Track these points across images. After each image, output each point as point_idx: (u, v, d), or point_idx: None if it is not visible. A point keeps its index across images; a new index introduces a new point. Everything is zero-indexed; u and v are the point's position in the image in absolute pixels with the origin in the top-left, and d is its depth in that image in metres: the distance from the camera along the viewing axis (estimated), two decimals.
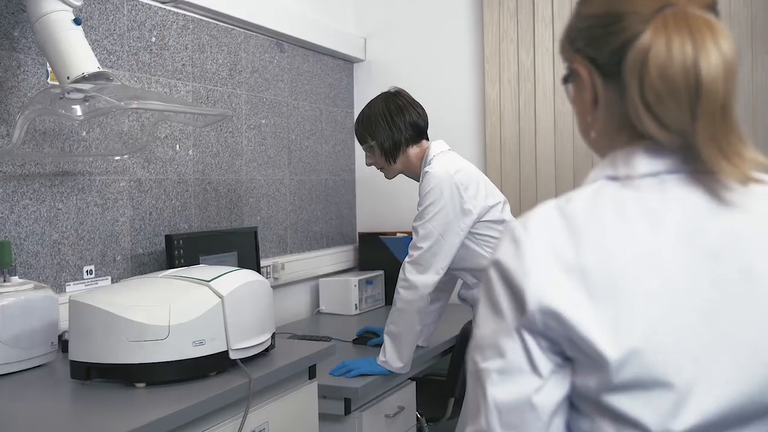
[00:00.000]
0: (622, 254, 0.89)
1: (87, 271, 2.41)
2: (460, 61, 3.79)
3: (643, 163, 0.95)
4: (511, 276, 0.91)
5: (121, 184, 2.54)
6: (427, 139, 2.68)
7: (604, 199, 0.94)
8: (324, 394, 2.30)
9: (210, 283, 1.88)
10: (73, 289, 2.34)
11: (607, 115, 0.99)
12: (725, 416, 0.87)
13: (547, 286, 0.89)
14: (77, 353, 1.80)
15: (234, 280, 1.93)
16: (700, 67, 0.88)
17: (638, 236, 0.90)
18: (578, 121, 1.07)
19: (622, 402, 0.87)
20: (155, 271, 2.63)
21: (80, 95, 2.07)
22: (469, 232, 2.46)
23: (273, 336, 2.07)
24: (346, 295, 3.49)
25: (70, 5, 2.09)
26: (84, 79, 2.03)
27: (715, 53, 0.89)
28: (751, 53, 3.27)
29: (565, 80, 1.05)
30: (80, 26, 2.09)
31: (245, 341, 1.91)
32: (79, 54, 2.06)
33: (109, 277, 2.48)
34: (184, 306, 1.80)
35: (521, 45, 3.64)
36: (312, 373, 2.20)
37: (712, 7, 0.95)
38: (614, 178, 0.96)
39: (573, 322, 0.87)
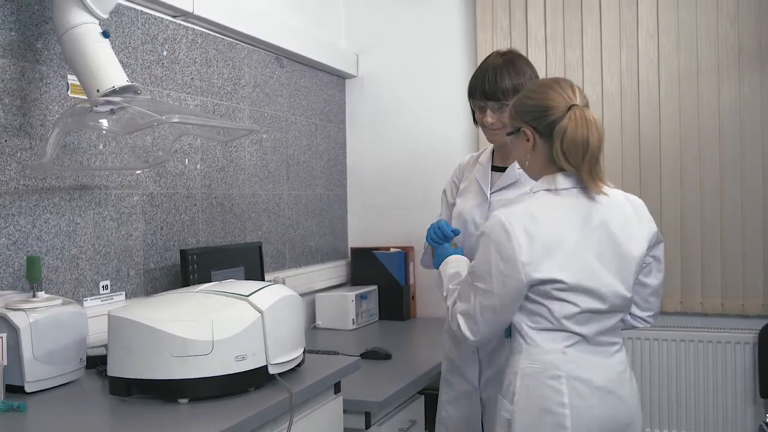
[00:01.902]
0: (555, 228, 1.81)
1: (103, 286, 2.38)
2: (452, 78, 3.85)
3: (561, 183, 1.85)
4: (503, 247, 1.79)
5: (135, 198, 2.52)
6: None
7: (545, 201, 1.85)
8: (345, 408, 2.30)
9: (249, 297, 1.87)
10: (90, 304, 2.31)
11: (540, 156, 1.88)
12: (610, 304, 1.83)
13: (524, 250, 1.78)
14: (117, 369, 1.78)
15: (271, 295, 1.93)
16: (588, 139, 1.80)
17: (561, 219, 1.82)
18: (517, 158, 1.98)
19: (564, 295, 1.80)
20: (167, 286, 2.62)
21: (107, 108, 2.06)
22: None
23: (304, 351, 2.08)
24: (343, 310, 3.49)
25: (97, 17, 2.08)
26: (114, 92, 2.01)
27: (595, 133, 1.81)
28: (738, 72, 3.40)
29: (511, 134, 1.94)
30: (108, 39, 2.08)
31: (282, 356, 1.91)
32: (108, 67, 2.05)
33: (123, 293, 2.45)
34: (226, 321, 1.79)
35: None
36: (337, 387, 2.20)
37: (587, 105, 1.86)
38: (547, 190, 1.86)
39: (537, 264, 1.78)
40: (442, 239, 2.33)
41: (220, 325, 1.77)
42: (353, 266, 3.89)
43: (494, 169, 2.41)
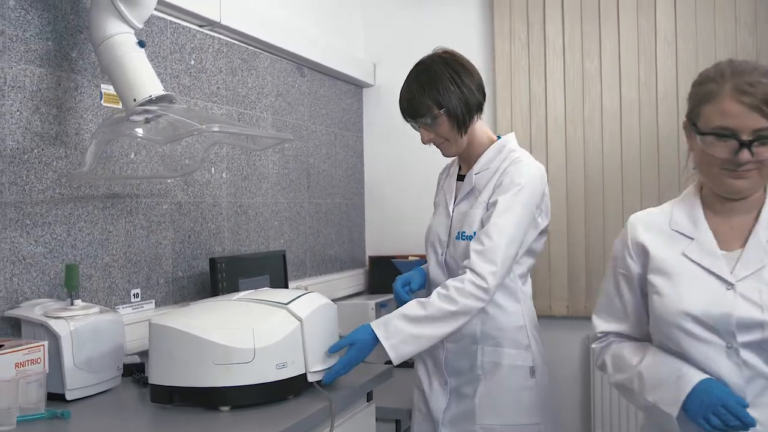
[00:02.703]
0: None
1: (134, 295, 2.38)
2: None
3: None
4: None
5: (164, 207, 2.53)
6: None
7: None
8: (376, 415, 2.30)
9: (288, 305, 1.88)
10: (121, 312, 2.31)
11: None
12: None
13: None
14: (158, 377, 1.78)
15: (309, 303, 1.93)
16: None
17: None
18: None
19: None
20: (194, 294, 2.62)
21: (142, 117, 2.07)
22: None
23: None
24: (363, 318, 3.49)
25: (133, 27, 2.09)
26: (150, 101, 2.03)
27: None
28: None
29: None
30: (144, 48, 2.09)
31: (320, 364, 1.91)
32: (144, 76, 2.06)
33: (153, 301, 2.46)
34: (266, 329, 1.80)
35: (533, 74, 3.73)
36: (369, 395, 2.21)
37: None
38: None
39: None
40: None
41: (261, 333, 1.78)
42: (371, 274, 3.90)
43: (459, 179, 2.25)
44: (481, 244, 2.01)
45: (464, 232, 2.11)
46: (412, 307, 2.01)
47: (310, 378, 1.87)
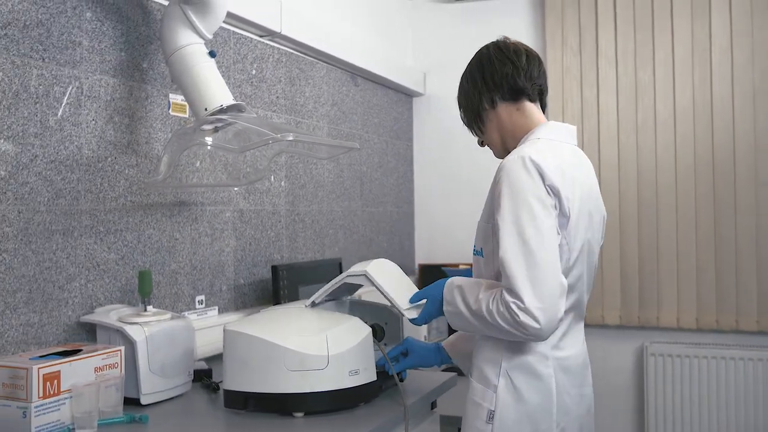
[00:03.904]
0: None
1: (198, 301, 2.41)
2: None
3: None
4: None
5: (227, 215, 2.56)
6: (532, 101, 1.90)
7: None
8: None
9: (366, 268, 1.93)
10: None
11: None
12: None
13: None
14: (233, 383, 1.80)
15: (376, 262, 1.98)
16: None
17: None
18: None
19: None
20: (254, 301, 2.65)
21: (212, 126, 2.10)
22: None
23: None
24: (415, 326, 3.49)
25: (203, 38, 2.13)
26: (221, 110, 2.06)
27: None
28: (753, 111, 3.41)
29: None
30: (214, 59, 2.12)
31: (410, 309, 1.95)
32: (214, 86, 2.09)
33: (216, 308, 2.49)
34: (339, 336, 1.81)
35: (584, 82, 3.72)
36: (433, 404, 2.21)
37: None
38: None
39: None
40: None
41: (334, 340, 1.79)
42: (421, 283, 3.90)
43: None
44: (503, 278, 1.68)
45: (474, 247, 1.91)
46: (473, 289, 1.74)
47: (408, 315, 1.92)
